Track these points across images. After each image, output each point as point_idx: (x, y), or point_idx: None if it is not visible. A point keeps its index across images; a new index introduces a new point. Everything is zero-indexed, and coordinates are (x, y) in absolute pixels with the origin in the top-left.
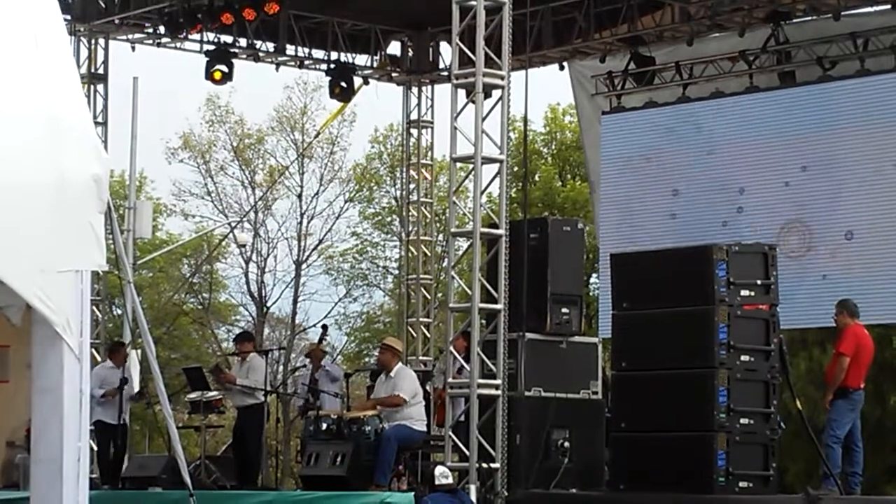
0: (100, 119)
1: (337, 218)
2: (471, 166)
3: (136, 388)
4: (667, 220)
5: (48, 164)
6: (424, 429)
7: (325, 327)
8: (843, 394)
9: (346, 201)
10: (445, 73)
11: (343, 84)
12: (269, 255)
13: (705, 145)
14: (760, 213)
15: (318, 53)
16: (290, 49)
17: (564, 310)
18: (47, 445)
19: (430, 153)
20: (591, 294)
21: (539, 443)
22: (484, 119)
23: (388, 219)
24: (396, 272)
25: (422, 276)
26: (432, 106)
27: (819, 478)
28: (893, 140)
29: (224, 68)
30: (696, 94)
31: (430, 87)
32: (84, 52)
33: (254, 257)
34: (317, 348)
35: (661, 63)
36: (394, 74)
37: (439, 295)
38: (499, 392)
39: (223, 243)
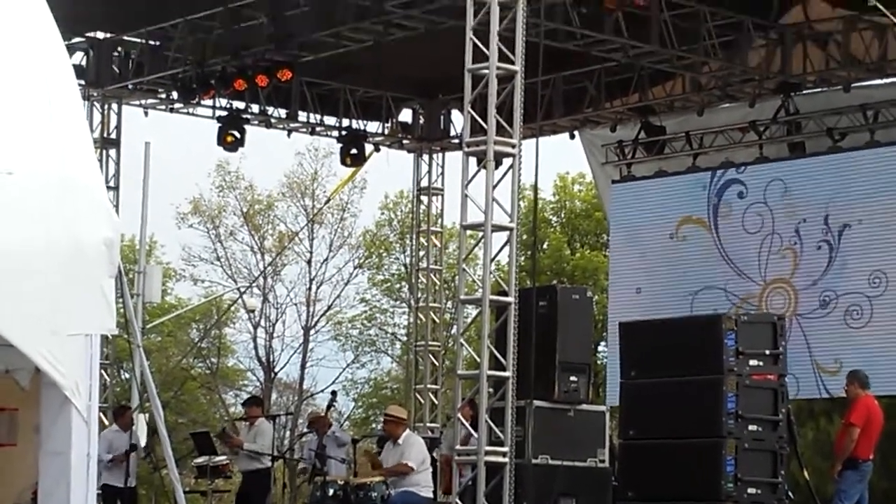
0: (112, 183)
1: (346, 284)
2: (480, 234)
3: (143, 449)
4: (675, 289)
5: (60, 226)
6: (431, 495)
7: (333, 394)
8: (852, 464)
9: (355, 267)
10: (456, 141)
11: (354, 151)
12: (277, 320)
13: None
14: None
15: (330, 120)
16: (301, 115)
17: (573, 378)
18: None
19: (440, 220)
20: (599, 362)
21: None
22: (495, 187)
23: (398, 285)
24: (405, 338)
25: (430, 342)
26: (443, 173)
27: None
28: None
29: (236, 134)
30: (706, 163)
31: (440, 154)
32: (97, 117)
33: (262, 322)
34: (323, 417)
35: (672, 133)
36: (405, 141)
37: (447, 362)
38: (506, 459)
39: (232, 308)
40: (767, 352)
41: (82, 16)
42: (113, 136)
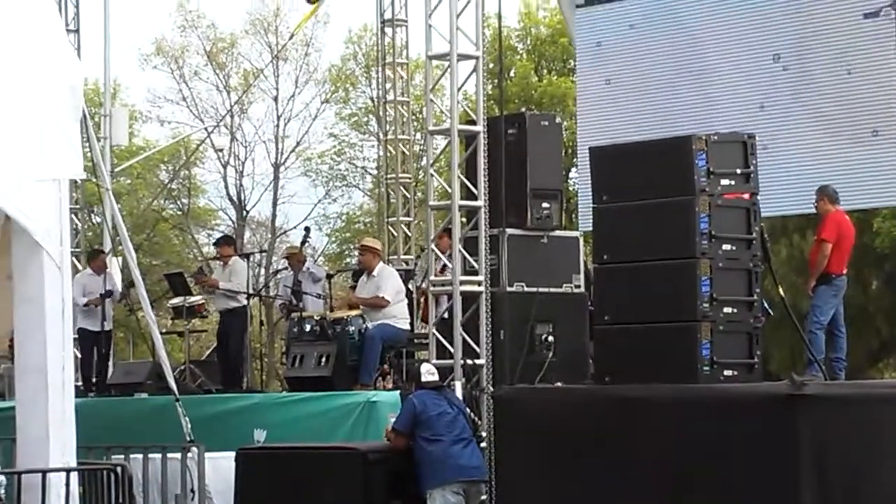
0: (71, 26)
1: (314, 120)
2: (446, 64)
3: (119, 293)
4: (644, 111)
5: (22, 73)
6: (408, 327)
7: (307, 229)
8: (825, 280)
9: (322, 102)
10: None
11: None
12: (246, 158)
13: (680, 35)
14: (734, 102)
15: None
16: None
17: (545, 204)
18: (31, 355)
19: (405, 51)
20: (570, 189)
21: (523, 338)
22: (459, 16)
23: (365, 119)
24: (375, 172)
25: (401, 174)
26: (406, 4)
27: (803, 364)
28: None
29: None
30: None
31: None
32: None
33: (231, 161)
34: (297, 253)
35: None
36: None
37: (418, 193)
38: (481, 288)
39: (200, 148)
40: (739, 171)
41: None
42: None
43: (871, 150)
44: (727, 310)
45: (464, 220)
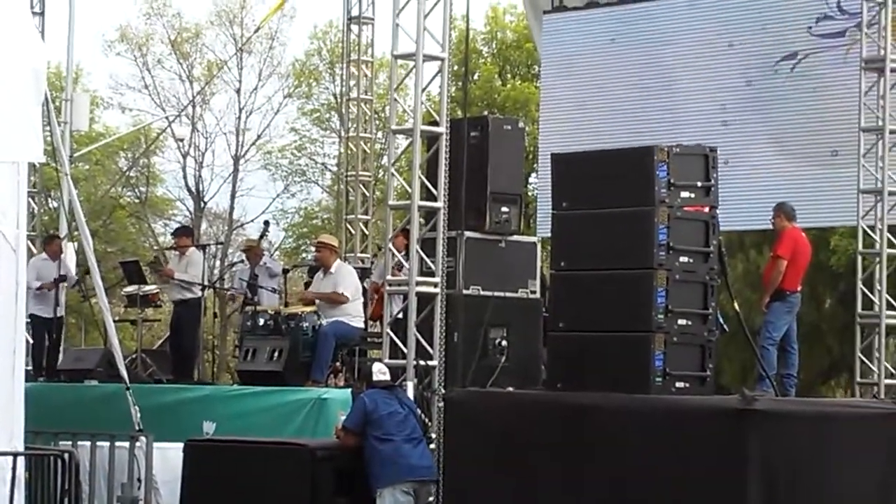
0: (36, 9)
1: (276, 114)
2: (411, 63)
3: (74, 278)
4: (608, 120)
5: None
6: (362, 325)
7: (266, 223)
8: (779, 296)
9: (284, 97)
10: None
11: None
12: (206, 149)
13: (646, 46)
14: (698, 116)
15: None
16: None
17: (504, 209)
18: None
19: (370, 49)
20: (530, 194)
21: (476, 341)
22: (426, 16)
23: (327, 115)
24: (335, 169)
25: (361, 172)
26: (373, 2)
27: (754, 379)
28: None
29: None
30: None
31: None
32: None
33: (191, 152)
34: (255, 246)
35: None
36: None
37: (378, 192)
38: (437, 290)
39: (160, 137)
40: (699, 183)
41: None
42: None
43: (830, 170)
44: (681, 322)
45: (422, 220)
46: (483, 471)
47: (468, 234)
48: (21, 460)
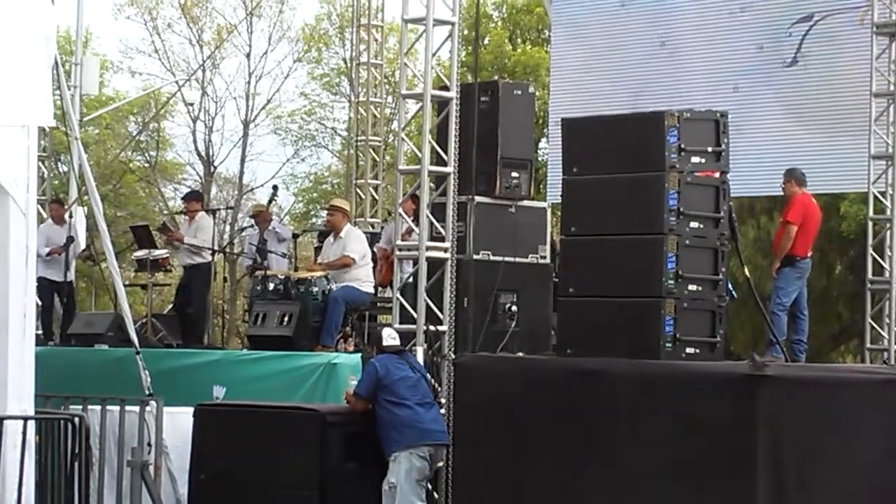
0: None
1: (286, 78)
2: (422, 28)
3: (83, 245)
4: (618, 85)
5: None
6: (372, 290)
7: (275, 188)
8: (790, 262)
9: (294, 61)
10: None
11: None
12: (216, 114)
13: (657, 11)
14: (709, 81)
15: None
16: None
17: (514, 174)
18: None
19: (380, 14)
20: (540, 159)
21: (487, 306)
22: None
23: (337, 80)
24: (345, 133)
25: (371, 137)
26: None
27: (764, 345)
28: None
29: None
30: None
31: None
32: None
33: (201, 116)
34: (264, 211)
35: None
36: None
37: (388, 157)
38: (447, 255)
39: (170, 102)
40: (710, 149)
41: None
42: None
43: (841, 136)
44: (692, 287)
45: (432, 185)
46: (492, 435)
47: (478, 199)
48: (31, 424)
